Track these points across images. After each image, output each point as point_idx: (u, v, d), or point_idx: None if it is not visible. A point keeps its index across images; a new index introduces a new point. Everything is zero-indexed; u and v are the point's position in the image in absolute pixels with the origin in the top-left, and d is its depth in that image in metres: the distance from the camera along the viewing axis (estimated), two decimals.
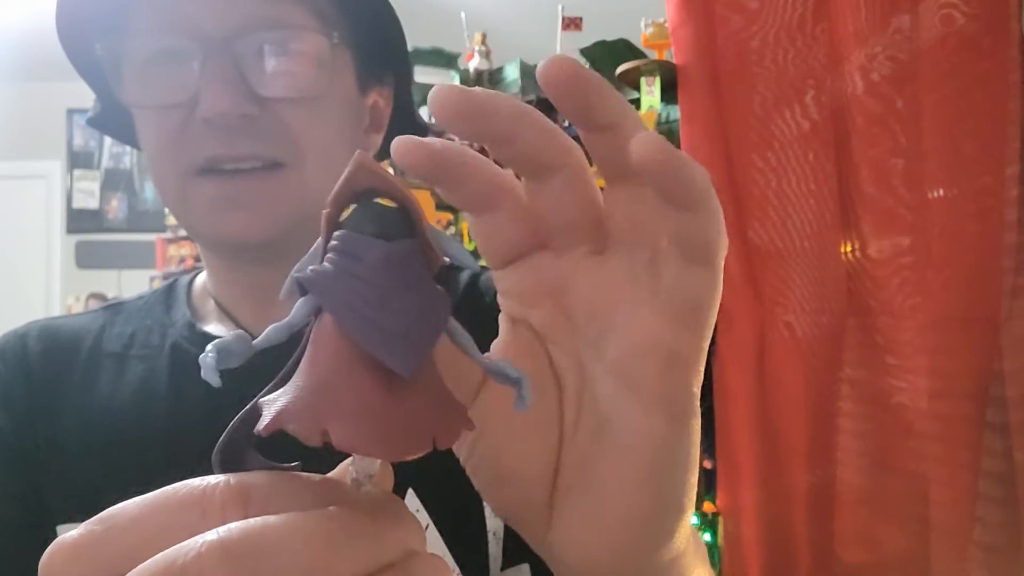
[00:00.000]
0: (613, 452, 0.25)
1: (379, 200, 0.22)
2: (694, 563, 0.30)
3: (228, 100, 0.46)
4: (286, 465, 0.23)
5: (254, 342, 0.23)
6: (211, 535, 0.19)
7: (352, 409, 0.20)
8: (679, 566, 0.28)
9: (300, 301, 0.22)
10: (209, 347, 0.22)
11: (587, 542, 0.26)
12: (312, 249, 0.23)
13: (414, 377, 0.21)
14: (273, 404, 0.21)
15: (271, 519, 0.19)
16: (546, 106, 0.36)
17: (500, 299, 0.28)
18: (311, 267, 0.22)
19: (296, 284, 0.22)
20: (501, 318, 0.28)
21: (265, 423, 0.21)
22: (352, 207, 0.22)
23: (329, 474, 0.23)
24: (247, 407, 0.23)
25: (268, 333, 0.23)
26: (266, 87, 0.48)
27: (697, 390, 0.25)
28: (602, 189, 0.27)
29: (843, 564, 1.06)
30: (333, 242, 0.22)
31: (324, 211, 0.22)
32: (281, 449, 0.23)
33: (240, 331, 0.23)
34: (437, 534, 0.48)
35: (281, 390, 0.22)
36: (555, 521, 0.27)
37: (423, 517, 0.48)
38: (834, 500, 1.08)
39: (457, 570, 0.48)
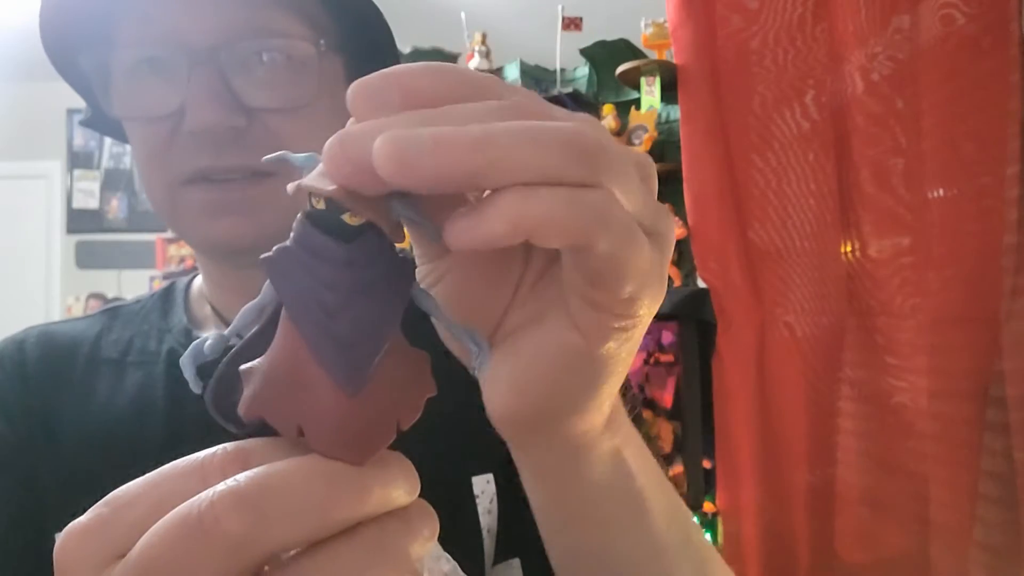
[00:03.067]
0: (542, 337, 0.26)
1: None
2: (635, 465, 0.32)
3: (214, 113, 0.46)
4: None
5: (226, 331, 0.24)
6: (220, 486, 0.20)
7: (319, 411, 0.21)
8: (601, 451, 0.30)
9: (267, 284, 0.23)
10: (184, 354, 0.23)
11: (502, 389, 0.28)
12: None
13: (358, 390, 0.22)
14: (250, 378, 0.22)
15: (274, 465, 0.20)
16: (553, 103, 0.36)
17: None
18: (275, 248, 0.22)
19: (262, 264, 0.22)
20: None
21: (246, 406, 0.22)
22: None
23: None
24: (233, 350, 0.24)
25: (240, 316, 0.24)
26: (253, 97, 0.47)
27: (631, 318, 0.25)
28: None
29: (843, 564, 1.06)
30: (296, 233, 0.22)
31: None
32: None
33: (217, 333, 0.24)
34: None
35: (257, 362, 0.22)
36: (491, 360, 0.28)
37: None
38: (834, 500, 1.08)
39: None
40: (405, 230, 0.24)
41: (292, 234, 0.22)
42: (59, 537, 0.22)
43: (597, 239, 0.21)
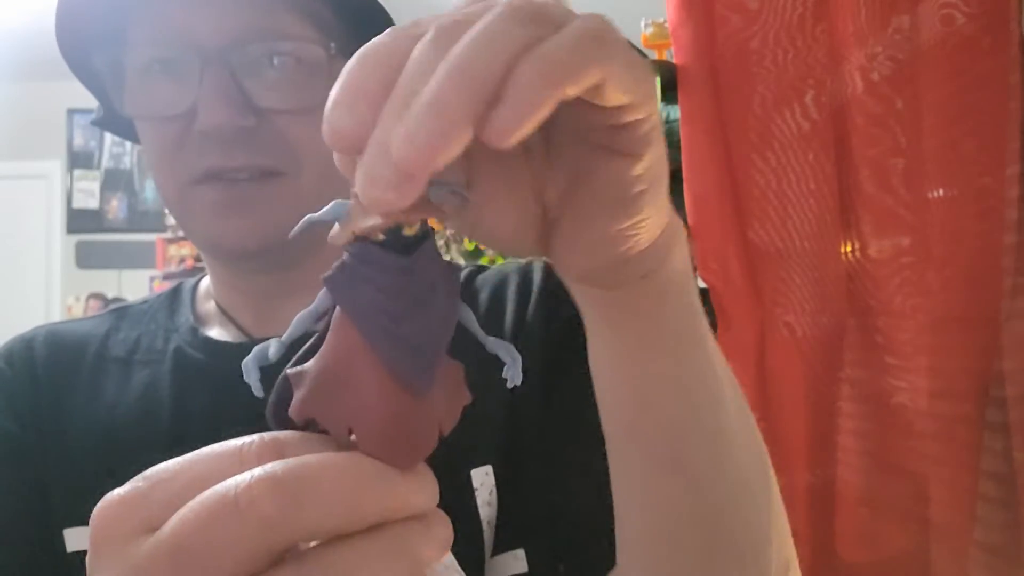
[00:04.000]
0: (584, 193, 0.28)
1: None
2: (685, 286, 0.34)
3: (225, 113, 0.47)
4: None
5: (283, 337, 0.24)
6: (258, 470, 0.21)
7: (373, 414, 0.22)
8: (664, 277, 0.32)
9: (323, 292, 0.24)
10: (247, 358, 0.24)
11: (573, 259, 0.30)
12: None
13: (427, 390, 0.23)
14: (300, 380, 0.23)
15: (309, 456, 0.21)
16: None
17: None
18: (335, 264, 0.23)
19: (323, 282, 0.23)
20: None
21: (297, 407, 0.23)
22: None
23: None
24: (296, 356, 0.24)
25: (295, 324, 0.24)
26: (263, 98, 0.48)
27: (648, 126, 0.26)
28: None
29: (843, 564, 1.06)
30: (353, 251, 0.23)
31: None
32: None
33: (274, 339, 0.24)
34: None
35: (306, 365, 0.23)
36: (550, 247, 0.30)
37: None
38: (834, 500, 1.08)
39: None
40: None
41: (348, 250, 0.23)
42: (96, 508, 0.22)
43: (610, 64, 0.22)
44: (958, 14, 0.85)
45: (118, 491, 0.22)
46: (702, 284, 1.24)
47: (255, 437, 0.23)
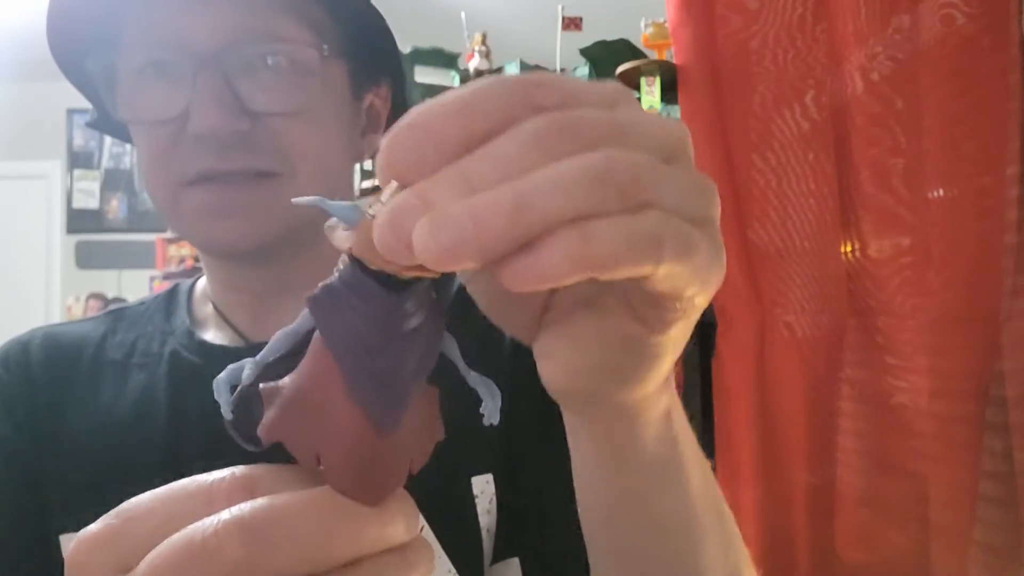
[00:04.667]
0: (599, 324, 0.27)
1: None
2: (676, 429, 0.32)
3: (219, 117, 0.46)
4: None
5: (258, 357, 0.24)
6: (225, 514, 0.21)
7: (340, 448, 0.22)
8: (656, 411, 0.30)
9: (306, 312, 0.23)
10: (219, 376, 0.23)
11: (558, 367, 0.28)
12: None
13: (392, 429, 0.22)
14: (272, 399, 0.22)
15: (277, 497, 0.21)
16: None
17: None
18: (321, 284, 0.22)
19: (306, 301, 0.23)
20: None
21: (266, 429, 0.22)
22: None
23: None
24: (257, 372, 0.24)
25: (273, 343, 0.24)
26: (257, 101, 0.48)
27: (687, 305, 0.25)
28: None
29: (843, 564, 1.06)
30: (344, 276, 0.22)
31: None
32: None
33: (249, 360, 0.24)
34: (431, 532, 0.48)
35: (280, 383, 0.23)
36: (537, 340, 0.29)
37: None
38: (834, 500, 1.08)
39: (453, 570, 0.48)
40: None
41: (338, 274, 0.22)
42: (72, 542, 0.23)
43: (660, 263, 0.20)
44: (958, 14, 0.85)
45: (92, 528, 0.23)
46: None
47: (226, 473, 0.23)
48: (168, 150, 0.49)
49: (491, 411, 0.26)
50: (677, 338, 0.26)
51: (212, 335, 0.56)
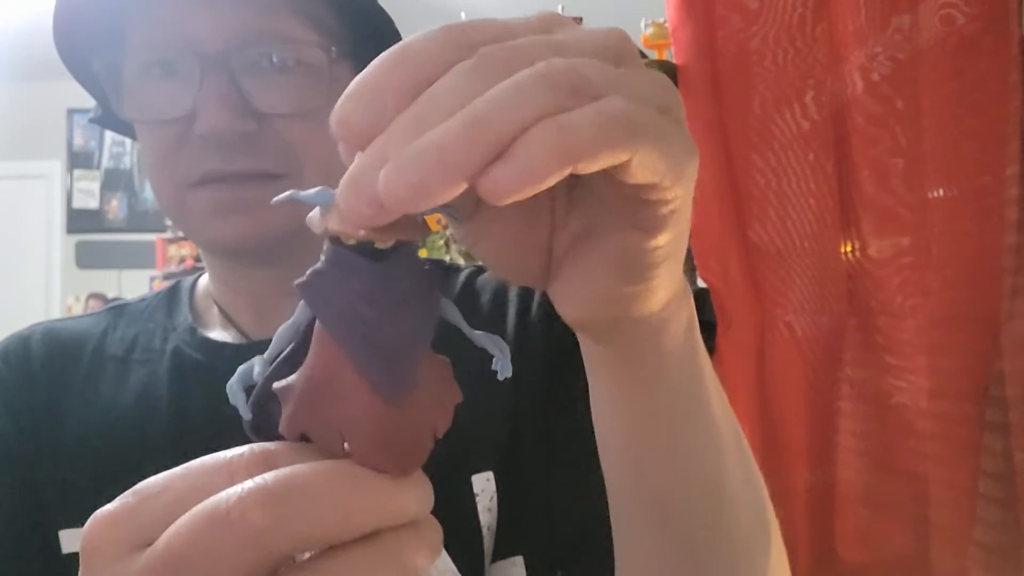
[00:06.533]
0: (602, 245, 0.27)
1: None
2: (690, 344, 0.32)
3: (225, 118, 0.46)
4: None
5: (265, 355, 0.24)
6: (249, 482, 0.21)
7: (361, 424, 0.22)
8: (664, 344, 0.31)
9: (303, 303, 0.23)
10: (231, 380, 0.23)
11: (569, 306, 0.29)
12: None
13: (402, 396, 0.22)
14: (287, 396, 0.23)
15: (299, 466, 0.21)
16: None
17: None
18: (309, 270, 0.23)
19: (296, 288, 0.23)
20: None
21: (287, 424, 0.22)
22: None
23: None
24: (271, 370, 0.24)
25: (277, 339, 0.24)
26: (264, 102, 0.48)
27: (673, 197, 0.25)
28: None
29: (843, 564, 1.06)
30: (328, 256, 0.22)
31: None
32: None
33: (258, 358, 0.24)
34: None
35: (291, 379, 0.23)
36: (550, 284, 0.29)
37: None
38: (834, 500, 1.08)
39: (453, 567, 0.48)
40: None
41: (323, 257, 0.22)
42: (87, 525, 0.22)
43: (635, 146, 0.20)
44: (958, 14, 0.85)
45: (108, 507, 0.22)
46: (702, 284, 1.24)
47: (244, 449, 0.23)
48: (174, 150, 0.49)
49: (503, 366, 0.26)
50: (674, 240, 0.26)
51: (215, 333, 0.57)
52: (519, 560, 0.50)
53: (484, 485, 0.50)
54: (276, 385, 0.23)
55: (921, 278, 0.93)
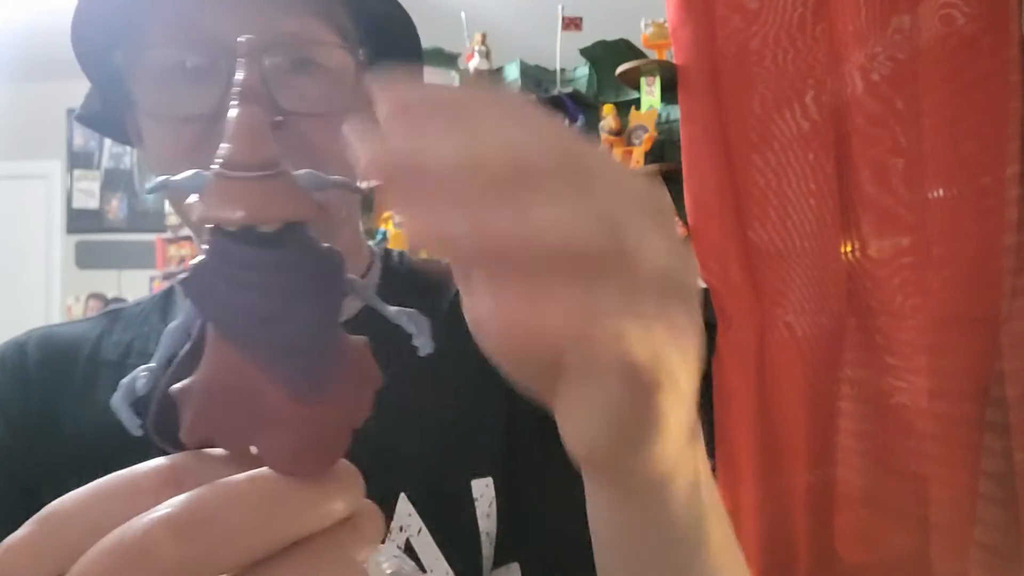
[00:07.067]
0: (594, 394, 0.25)
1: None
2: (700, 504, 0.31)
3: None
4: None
5: (154, 360, 0.22)
6: (155, 512, 0.19)
7: (268, 428, 0.20)
8: (677, 487, 0.29)
9: (189, 301, 0.21)
10: (115, 395, 0.22)
11: (572, 437, 0.27)
12: None
13: (321, 398, 0.20)
14: (186, 399, 0.21)
15: (206, 488, 0.20)
16: (552, 103, 0.35)
17: None
18: (190, 264, 0.20)
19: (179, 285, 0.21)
20: None
21: (188, 430, 0.21)
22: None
23: None
24: (167, 374, 0.22)
25: (164, 340, 0.22)
26: (289, 102, 0.48)
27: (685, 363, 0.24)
28: None
29: (843, 564, 1.06)
30: (214, 245, 0.20)
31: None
32: None
33: (142, 368, 0.23)
34: (430, 537, 0.48)
35: (189, 381, 0.21)
36: (555, 407, 0.27)
37: (415, 521, 0.48)
38: (834, 500, 1.08)
39: (451, 573, 0.48)
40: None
41: (206, 249, 0.20)
42: None
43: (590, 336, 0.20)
44: (958, 14, 0.85)
45: (17, 534, 0.21)
46: (702, 284, 1.24)
47: (149, 467, 0.21)
48: (194, 147, 0.49)
49: (423, 343, 0.24)
50: (678, 395, 0.25)
51: None
52: (515, 567, 0.50)
53: (483, 491, 0.50)
54: (173, 388, 0.21)
55: (921, 278, 0.93)
